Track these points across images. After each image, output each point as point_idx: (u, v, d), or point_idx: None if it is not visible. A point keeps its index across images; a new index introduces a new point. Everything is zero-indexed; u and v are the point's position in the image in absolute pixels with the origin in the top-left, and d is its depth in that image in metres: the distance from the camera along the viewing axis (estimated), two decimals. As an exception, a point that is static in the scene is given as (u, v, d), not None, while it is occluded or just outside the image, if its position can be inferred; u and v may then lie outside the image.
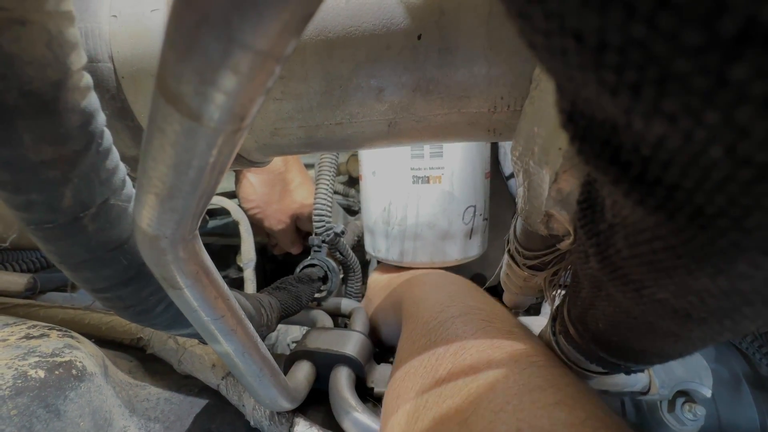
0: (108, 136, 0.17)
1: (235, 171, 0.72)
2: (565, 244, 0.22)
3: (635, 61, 0.06)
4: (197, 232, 0.17)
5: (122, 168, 0.18)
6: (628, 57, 0.06)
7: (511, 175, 0.58)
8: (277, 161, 0.69)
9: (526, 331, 0.26)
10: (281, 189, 0.71)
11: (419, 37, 0.21)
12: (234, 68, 0.08)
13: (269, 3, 0.08)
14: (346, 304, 0.50)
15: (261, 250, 0.84)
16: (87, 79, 0.15)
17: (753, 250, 0.07)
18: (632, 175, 0.08)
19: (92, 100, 0.16)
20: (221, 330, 0.21)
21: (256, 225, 0.72)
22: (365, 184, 0.52)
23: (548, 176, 0.18)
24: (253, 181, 0.69)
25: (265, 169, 0.69)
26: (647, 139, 0.07)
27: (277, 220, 0.71)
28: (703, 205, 0.07)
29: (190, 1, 0.08)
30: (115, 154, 0.18)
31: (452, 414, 0.19)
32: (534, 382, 0.19)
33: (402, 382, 0.25)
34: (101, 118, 0.16)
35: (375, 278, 0.55)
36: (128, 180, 0.19)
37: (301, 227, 0.74)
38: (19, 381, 0.24)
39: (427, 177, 0.47)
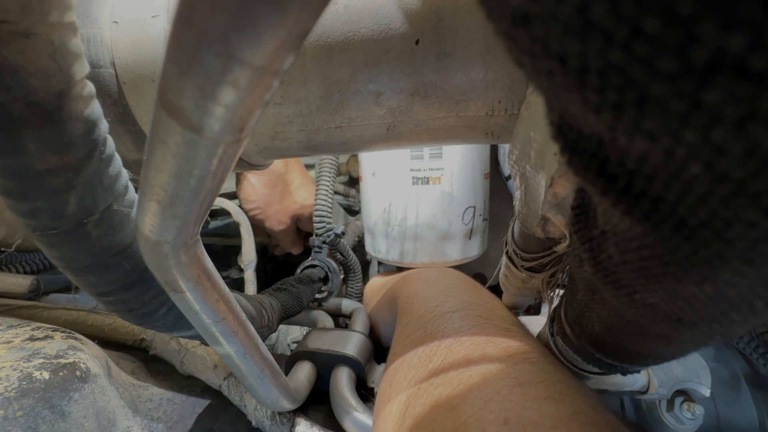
0: (110, 143, 0.17)
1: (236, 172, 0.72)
2: (561, 247, 0.22)
3: (615, 83, 0.06)
4: (199, 236, 0.17)
5: (125, 174, 0.19)
6: (608, 80, 0.06)
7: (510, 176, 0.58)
8: (278, 162, 0.69)
9: (523, 329, 0.26)
10: (282, 190, 0.71)
11: (417, 42, 0.21)
12: (233, 83, 0.09)
13: (267, 21, 0.08)
14: (346, 304, 0.50)
15: (262, 251, 0.84)
16: (90, 87, 0.16)
17: (735, 260, 0.08)
18: (619, 187, 0.08)
19: (95, 109, 0.16)
20: (223, 332, 0.21)
21: (257, 225, 0.72)
22: (365, 185, 0.52)
23: (544, 180, 0.18)
24: (254, 183, 0.70)
25: (265, 171, 0.69)
26: (631, 154, 0.07)
27: (277, 220, 0.72)
28: (685, 217, 0.07)
29: (191, 20, 0.08)
30: (117, 161, 0.18)
31: (443, 401, 0.20)
32: (525, 377, 0.19)
33: (396, 372, 0.25)
34: (104, 125, 0.17)
35: (372, 281, 0.56)
36: (131, 186, 0.19)
37: (301, 228, 0.75)
38: (24, 382, 0.25)
39: (427, 178, 0.47)
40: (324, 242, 0.52)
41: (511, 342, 0.23)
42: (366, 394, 0.36)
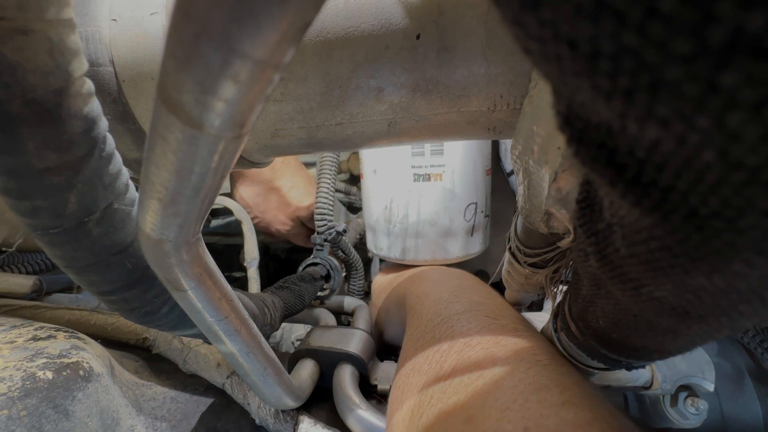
0: (110, 141, 0.17)
1: (230, 182, 0.73)
2: (565, 242, 0.22)
3: (628, 68, 0.06)
4: (200, 234, 0.17)
5: (125, 172, 0.19)
6: (620, 64, 0.06)
7: (512, 172, 0.58)
8: (265, 170, 0.69)
9: (530, 327, 0.26)
10: (275, 197, 0.72)
11: (418, 37, 0.21)
12: (233, 77, 0.09)
13: (267, 13, 0.08)
14: (348, 302, 0.50)
15: (264, 249, 0.84)
16: (89, 85, 0.16)
17: (747, 250, 0.08)
18: (628, 177, 0.08)
19: (94, 106, 0.16)
20: (225, 330, 0.21)
21: (265, 231, 0.74)
22: (366, 183, 0.52)
23: (548, 175, 0.18)
24: (244, 195, 0.71)
25: (253, 181, 0.70)
26: (642, 143, 0.07)
27: (280, 223, 0.73)
28: (697, 206, 0.07)
29: (190, 13, 0.08)
30: (117, 159, 0.18)
31: (458, 410, 0.19)
32: (540, 381, 0.19)
33: (407, 378, 0.25)
34: (103, 123, 0.17)
35: (378, 280, 0.56)
36: (131, 184, 0.19)
37: (307, 225, 0.76)
38: (28, 382, 0.25)
39: (428, 175, 0.47)
40: (326, 240, 0.52)
41: (520, 342, 0.23)
42: (370, 391, 0.36)
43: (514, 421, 0.17)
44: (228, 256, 0.84)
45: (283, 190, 0.71)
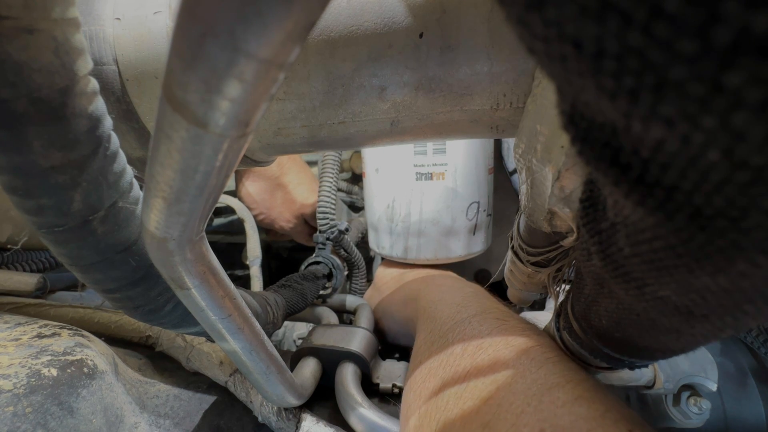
0: (115, 140, 0.17)
1: (235, 179, 0.73)
2: (568, 242, 0.22)
3: (632, 67, 0.06)
4: (204, 233, 0.17)
5: (129, 171, 0.19)
6: (625, 64, 0.06)
7: (515, 171, 0.58)
8: (272, 166, 0.70)
9: (536, 329, 0.27)
10: (282, 193, 0.72)
11: (421, 36, 0.21)
12: (239, 76, 0.09)
13: (273, 13, 0.08)
14: (351, 300, 0.50)
15: (266, 248, 0.85)
16: (93, 84, 0.16)
17: (751, 250, 0.08)
18: (632, 176, 0.08)
19: (99, 105, 0.16)
20: (228, 329, 0.21)
21: (268, 228, 0.75)
22: (368, 182, 0.52)
23: (551, 174, 0.18)
24: (251, 191, 0.71)
25: (260, 176, 0.70)
26: (646, 142, 0.07)
27: (285, 220, 0.73)
28: (701, 206, 0.07)
29: (195, 13, 0.08)
30: (122, 158, 0.18)
31: (474, 416, 0.20)
32: (551, 380, 0.19)
33: (423, 383, 0.26)
34: (108, 122, 0.17)
35: (383, 269, 0.56)
36: (135, 182, 0.19)
37: (310, 223, 0.76)
38: (33, 379, 0.25)
39: (431, 173, 0.47)
40: (328, 238, 0.52)
41: (528, 341, 0.23)
42: (372, 390, 0.36)
43: (531, 424, 0.17)
44: (230, 254, 0.84)
45: (289, 186, 0.72)
